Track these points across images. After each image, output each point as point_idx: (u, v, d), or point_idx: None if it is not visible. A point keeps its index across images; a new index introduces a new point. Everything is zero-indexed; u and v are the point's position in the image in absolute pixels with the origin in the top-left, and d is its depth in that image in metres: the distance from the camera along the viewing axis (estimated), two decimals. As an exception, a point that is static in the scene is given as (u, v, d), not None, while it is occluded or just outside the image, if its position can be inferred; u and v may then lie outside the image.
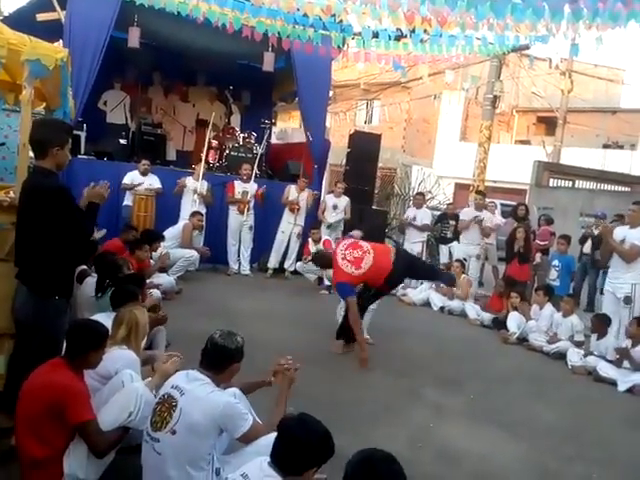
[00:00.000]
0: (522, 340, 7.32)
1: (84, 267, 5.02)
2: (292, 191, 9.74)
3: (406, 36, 8.61)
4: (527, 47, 11.14)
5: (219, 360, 2.96)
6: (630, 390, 5.77)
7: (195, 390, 2.84)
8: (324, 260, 6.23)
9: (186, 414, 2.78)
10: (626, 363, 6.01)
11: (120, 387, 3.10)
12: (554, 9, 5.58)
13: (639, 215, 6.46)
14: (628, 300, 6.29)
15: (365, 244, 5.84)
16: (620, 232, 6.58)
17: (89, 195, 3.45)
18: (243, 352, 3.04)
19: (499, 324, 7.81)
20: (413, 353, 6.30)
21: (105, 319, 3.67)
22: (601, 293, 8.62)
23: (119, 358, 3.37)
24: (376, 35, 8.46)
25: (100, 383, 3.24)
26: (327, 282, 8.98)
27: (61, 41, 8.74)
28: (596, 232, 9.54)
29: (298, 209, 9.63)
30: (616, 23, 5.81)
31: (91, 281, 4.81)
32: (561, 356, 6.68)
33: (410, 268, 6.05)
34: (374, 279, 5.75)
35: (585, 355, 6.44)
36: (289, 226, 9.68)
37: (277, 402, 3.25)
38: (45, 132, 3.35)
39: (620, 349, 6.07)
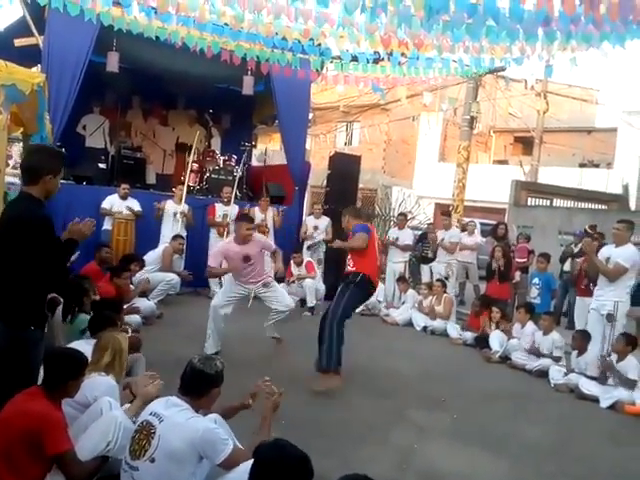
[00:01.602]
0: (505, 359, 7.34)
1: (54, 295, 4.95)
2: (256, 213, 9.67)
3: (384, 59, 8.73)
4: (503, 69, 11.34)
5: (198, 385, 2.93)
6: (612, 406, 5.79)
7: (174, 416, 2.80)
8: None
9: (165, 441, 2.73)
10: (610, 380, 6.04)
11: (99, 415, 3.05)
12: (528, 32, 5.70)
13: (624, 234, 6.43)
14: (610, 318, 6.31)
15: None
16: (606, 251, 6.59)
17: (71, 231, 3.32)
18: (223, 377, 3.00)
19: (481, 343, 7.84)
20: (396, 373, 6.28)
21: (84, 346, 3.63)
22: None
23: (98, 385, 3.32)
24: (355, 58, 8.58)
25: (78, 411, 3.18)
26: (310, 304, 8.96)
27: (39, 66, 8.72)
28: (575, 250, 9.65)
29: (267, 231, 9.56)
30: (589, 44, 5.95)
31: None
32: (543, 374, 6.69)
33: None
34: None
35: (567, 372, 6.47)
36: None
37: (260, 427, 3.20)
38: (41, 159, 3.27)
39: (605, 361, 6.09)
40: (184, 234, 8.97)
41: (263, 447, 2.35)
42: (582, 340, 6.54)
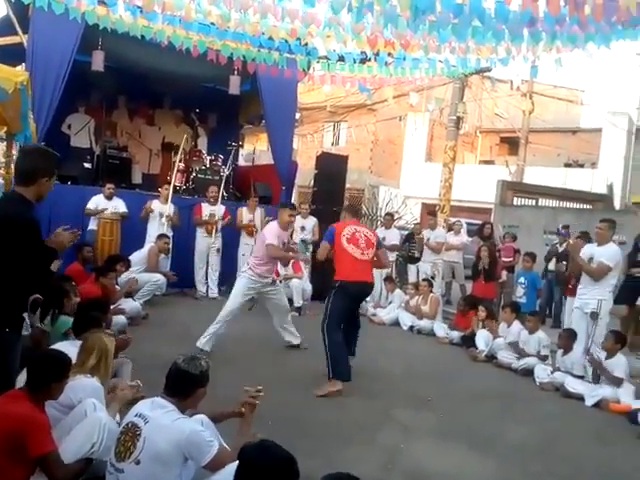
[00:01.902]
0: (491, 357, 7.37)
1: (37, 296, 4.88)
2: (244, 213, 9.74)
3: (370, 59, 8.73)
4: (488, 69, 11.38)
5: (183, 386, 2.91)
6: (597, 404, 5.84)
7: (160, 418, 2.78)
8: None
9: (150, 443, 2.72)
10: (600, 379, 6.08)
11: (83, 417, 3.03)
12: (513, 32, 5.72)
13: (606, 233, 6.49)
14: (594, 315, 6.36)
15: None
16: (588, 250, 6.63)
17: (51, 241, 3.29)
18: (208, 376, 2.99)
19: (468, 342, 7.86)
20: (383, 373, 6.29)
21: (68, 347, 3.59)
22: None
23: (83, 387, 3.29)
24: (342, 58, 8.57)
25: (62, 413, 3.15)
26: (297, 304, 8.95)
27: (23, 65, 8.64)
28: (560, 249, 9.72)
29: (255, 230, 9.61)
30: (574, 45, 5.99)
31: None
32: (529, 372, 6.73)
33: None
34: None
35: (552, 371, 6.51)
36: (248, 248, 9.65)
37: (241, 428, 3.19)
38: (38, 161, 3.25)
39: (593, 360, 6.13)
40: (170, 234, 8.93)
41: (248, 448, 2.34)
42: (568, 339, 6.58)
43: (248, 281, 6.39)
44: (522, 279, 8.70)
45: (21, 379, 3.11)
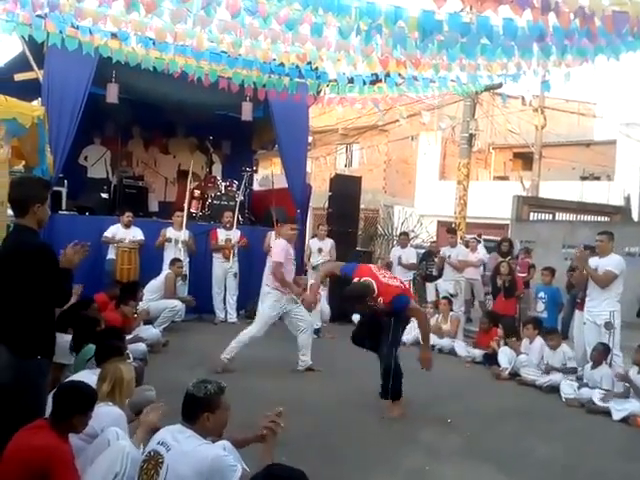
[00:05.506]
0: (514, 375, 7.26)
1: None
2: (273, 238, 9.75)
3: (381, 80, 8.78)
4: (499, 86, 11.39)
5: (190, 410, 2.89)
6: (625, 419, 5.72)
7: (182, 444, 2.76)
8: (357, 291, 5.39)
9: (173, 470, 2.69)
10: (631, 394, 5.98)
11: (106, 446, 3.01)
12: (523, 47, 5.73)
13: (607, 245, 6.65)
14: (609, 325, 6.40)
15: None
16: (592, 263, 6.72)
17: (61, 261, 3.37)
18: (215, 401, 2.92)
19: (490, 360, 7.76)
20: (405, 394, 6.20)
21: (88, 375, 3.60)
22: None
23: (105, 415, 3.27)
24: (351, 80, 8.64)
25: (85, 442, 3.14)
26: (315, 326, 8.91)
27: (39, 99, 8.81)
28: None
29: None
30: (584, 58, 5.98)
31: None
32: (554, 389, 6.62)
33: None
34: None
35: (579, 386, 6.40)
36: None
37: (263, 453, 3.13)
38: (25, 190, 3.34)
39: (620, 375, 6.06)
40: (186, 260, 8.98)
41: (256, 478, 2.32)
42: (602, 353, 6.45)
43: (280, 298, 6.62)
44: (542, 294, 8.58)
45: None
